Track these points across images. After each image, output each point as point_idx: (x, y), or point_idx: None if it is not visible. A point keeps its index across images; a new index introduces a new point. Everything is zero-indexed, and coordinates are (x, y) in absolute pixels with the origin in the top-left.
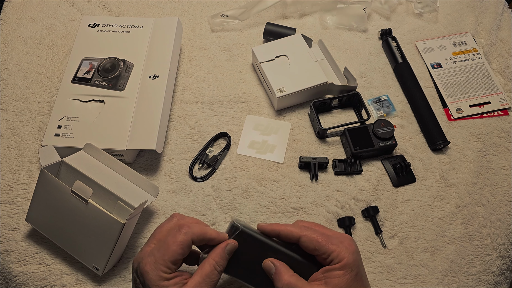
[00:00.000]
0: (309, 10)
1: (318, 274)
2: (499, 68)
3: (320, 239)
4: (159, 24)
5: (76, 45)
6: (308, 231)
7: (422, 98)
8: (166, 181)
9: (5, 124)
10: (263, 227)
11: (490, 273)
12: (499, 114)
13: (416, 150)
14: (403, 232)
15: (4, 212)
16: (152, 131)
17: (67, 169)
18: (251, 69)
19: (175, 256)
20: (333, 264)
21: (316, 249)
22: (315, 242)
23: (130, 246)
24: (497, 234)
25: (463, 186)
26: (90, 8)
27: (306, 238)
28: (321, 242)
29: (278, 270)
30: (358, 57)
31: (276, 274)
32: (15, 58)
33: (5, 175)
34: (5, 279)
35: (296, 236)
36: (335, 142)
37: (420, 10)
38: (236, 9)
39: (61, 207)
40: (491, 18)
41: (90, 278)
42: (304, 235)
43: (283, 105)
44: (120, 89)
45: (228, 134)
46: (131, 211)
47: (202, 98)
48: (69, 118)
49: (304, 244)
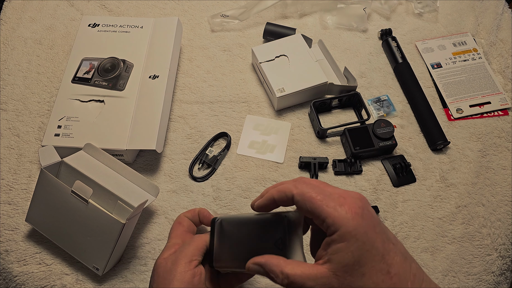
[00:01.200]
0: (309, 10)
1: (321, 250)
2: (499, 68)
3: (315, 198)
4: (159, 24)
5: (76, 45)
6: (304, 187)
7: (422, 98)
8: (166, 181)
9: (5, 124)
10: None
11: (490, 273)
12: (499, 114)
13: (416, 150)
14: (403, 232)
15: (4, 212)
16: (152, 131)
17: (67, 169)
18: (251, 69)
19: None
20: (330, 234)
21: (309, 211)
22: (309, 201)
23: (130, 246)
24: (497, 234)
25: (463, 186)
26: (90, 8)
27: (300, 196)
28: (316, 203)
29: (267, 267)
30: (358, 57)
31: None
32: (15, 58)
33: (5, 175)
34: (5, 279)
35: (289, 194)
36: (335, 142)
37: (420, 10)
38: (236, 9)
39: (61, 207)
40: (491, 18)
41: (90, 278)
42: (298, 193)
43: (283, 105)
44: (120, 89)
45: (228, 134)
46: (131, 211)
47: (202, 98)
48: (69, 118)
49: (298, 204)
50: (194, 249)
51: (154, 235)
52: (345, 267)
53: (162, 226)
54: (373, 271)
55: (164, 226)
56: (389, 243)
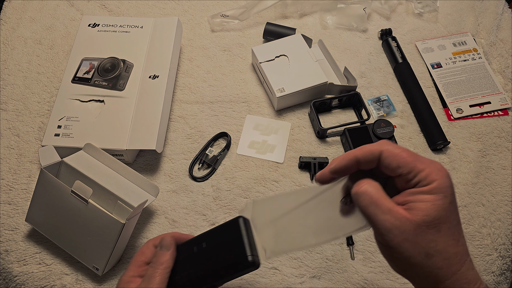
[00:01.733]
0: (309, 10)
1: (399, 197)
2: (499, 68)
3: (405, 155)
4: (159, 24)
5: (76, 45)
6: (391, 146)
7: (422, 98)
8: (166, 181)
9: (5, 124)
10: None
11: (490, 273)
12: (499, 114)
13: (416, 150)
14: None
15: (4, 212)
16: (152, 131)
17: (67, 169)
18: (251, 69)
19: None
20: (420, 186)
21: (400, 166)
22: (399, 157)
23: (130, 246)
24: (497, 234)
25: (463, 186)
26: (90, 8)
27: (389, 153)
28: (407, 158)
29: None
30: (358, 57)
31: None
32: (15, 58)
33: (5, 175)
34: (5, 279)
35: (376, 154)
36: (335, 142)
37: (420, 10)
38: (236, 9)
39: (61, 207)
40: (491, 18)
41: (90, 278)
42: (386, 150)
43: (283, 105)
44: (120, 89)
45: (228, 134)
46: (131, 211)
47: (202, 98)
48: (69, 118)
49: (386, 161)
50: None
51: (154, 235)
52: (426, 217)
53: (162, 226)
54: (448, 232)
55: (164, 226)
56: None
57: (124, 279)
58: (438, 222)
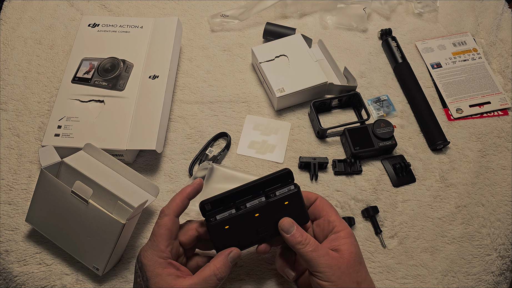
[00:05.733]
0: (309, 10)
1: (327, 243)
2: (499, 68)
3: (331, 208)
4: (159, 24)
5: (76, 45)
6: (325, 201)
7: (422, 98)
8: (166, 181)
9: (5, 124)
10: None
11: (489, 273)
12: (499, 114)
13: (416, 150)
14: (403, 232)
15: (4, 212)
16: (152, 131)
17: (67, 169)
18: (251, 69)
19: (165, 240)
20: (336, 232)
21: (323, 214)
22: (327, 206)
23: (130, 246)
24: (497, 234)
25: (463, 186)
26: (90, 8)
27: (321, 201)
28: (331, 210)
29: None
30: (358, 57)
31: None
32: (15, 58)
33: (5, 175)
34: (5, 279)
35: (313, 197)
36: (335, 142)
37: (420, 10)
38: (236, 9)
39: (61, 207)
40: (491, 18)
41: (90, 278)
42: (321, 198)
43: (283, 105)
44: (120, 89)
45: (228, 134)
46: (131, 211)
47: (202, 98)
48: (69, 118)
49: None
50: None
51: None
52: (352, 254)
53: None
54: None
55: None
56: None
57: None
58: (359, 256)
